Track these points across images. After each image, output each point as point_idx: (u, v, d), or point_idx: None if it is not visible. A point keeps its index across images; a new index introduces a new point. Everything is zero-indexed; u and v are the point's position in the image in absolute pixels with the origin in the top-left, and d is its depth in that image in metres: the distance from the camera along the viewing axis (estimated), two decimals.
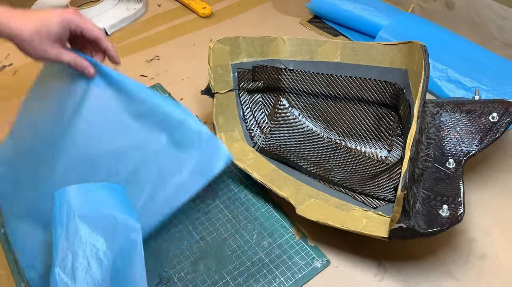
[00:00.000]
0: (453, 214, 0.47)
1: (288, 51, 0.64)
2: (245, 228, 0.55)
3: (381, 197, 0.54)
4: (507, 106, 0.53)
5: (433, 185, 0.50)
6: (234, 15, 0.90)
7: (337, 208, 0.52)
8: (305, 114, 0.66)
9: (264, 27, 0.85)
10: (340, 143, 0.63)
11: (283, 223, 0.55)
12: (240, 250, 0.53)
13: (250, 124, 0.63)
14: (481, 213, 0.54)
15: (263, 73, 0.64)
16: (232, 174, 0.60)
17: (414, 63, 0.54)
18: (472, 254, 0.51)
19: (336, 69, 0.62)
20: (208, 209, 0.57)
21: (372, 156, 0.61)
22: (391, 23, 0.76)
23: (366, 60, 0.60)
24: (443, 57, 0.69)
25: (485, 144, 0.52)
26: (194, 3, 0.91)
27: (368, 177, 0.57)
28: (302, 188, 0.55)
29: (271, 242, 0.53)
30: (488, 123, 0.53)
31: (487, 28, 0.73)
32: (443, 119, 0.55)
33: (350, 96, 0.63)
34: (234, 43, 0.61)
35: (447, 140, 0.54)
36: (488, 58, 0.69)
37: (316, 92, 0.64)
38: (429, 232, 0.45)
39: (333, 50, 0.62)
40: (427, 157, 0.53)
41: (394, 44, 0.58)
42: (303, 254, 0.52)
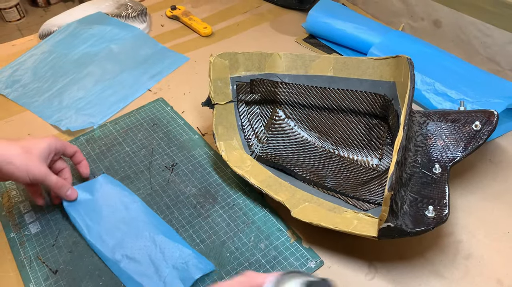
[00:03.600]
0: (438, 214, 0.49)
1: (284, 66, 0.68)
2: (243, 231, 0.57)
3: (372, 201, 0.56)
4: (488, 115, 0.57)
5: (420, 189, 0.54)
6: (234, 34, 0.94)
7: (330, 211, 0.55)
8: (301, 125, 0.69)
9: (262, 46, 0.89)
10: (334, 152, 0.66)
11: (279, 227, 0.58)
12: (238, 252, 0.55)
13: (248, 134, 0.67)
14: (467, 216, 0.57)
15: (260, 86, 0.68)
16: (231, 181, 0.63)
17: (401, 75, 0.58)
18: (459, 254, 0.53)
19: (329, 82, 0.66)
20: (208, 214, 0.60)
21: (364, 164, 0.64)
22: (382, 40, 0.80)
23: (357, 73, 0.64)
24: (431, 71, 0.73)
25: (469, 150, 0.56)
26: (196, 23, 0.96)
27: (360, 183, 0.61)
28: (297, 193, 0.58)
29: (268, 244, 0.56)
30: (472, 131, 0.57)
31: (472, 45, 0.77)
32: (430, 128, 0.59)
33: (343, 107, 0.66)
34: (233, 58, 0.65)
35: (434, 147, 0.57)
36: (473, 72, 0.72)
37: (311, 104, 0.68)
38: (416, 231, 0.48)
39: (326, 64, 0.66)
40: (415, 163, 0.56)
41: (383, 58, 0.62)
42: (298, 255, 0.54)
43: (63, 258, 0.55)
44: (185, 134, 0.71)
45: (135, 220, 0.57)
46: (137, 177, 0.65)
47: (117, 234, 0.56)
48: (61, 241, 0.57)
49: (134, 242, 0.55)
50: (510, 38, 0.71)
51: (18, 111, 0.78)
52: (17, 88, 0.83)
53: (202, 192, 0.62)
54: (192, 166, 0.66)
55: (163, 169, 0.66)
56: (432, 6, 0.82)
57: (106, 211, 0.59)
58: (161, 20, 1.00)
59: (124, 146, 0.70)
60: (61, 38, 0.93)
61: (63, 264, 0.55)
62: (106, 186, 0.61)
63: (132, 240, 0.55)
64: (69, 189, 0.58)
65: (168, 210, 0.60)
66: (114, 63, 0.87)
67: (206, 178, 0.64)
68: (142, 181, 0.64)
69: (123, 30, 0.93)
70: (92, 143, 0.71)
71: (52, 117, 0.76)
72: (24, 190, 0.64)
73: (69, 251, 0.56)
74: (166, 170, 0.66)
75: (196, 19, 0.97)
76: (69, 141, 0.72)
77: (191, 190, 0.63)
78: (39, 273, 0.54)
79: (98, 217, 0.58)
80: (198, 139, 0.70)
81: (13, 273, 0.54)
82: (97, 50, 0.89)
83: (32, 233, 0.58)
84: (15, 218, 0.60)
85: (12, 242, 0.57)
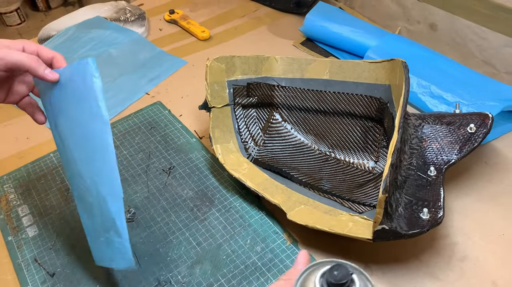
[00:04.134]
0: (433, 217, 0.50)
1: (280, 69, 0.69)
2: (239, 234, 0.58)
3: (367, 203, 0.57)
4: (483, 118, 0.57)
5: (415, 191, 0.54)
6: (232, 38, 0.95)
7: (325, 213, 0.55)
8: (297, 128, 0.70)
9: (259, 49, 0.90)
10: (330, 154, 0.67)
11: (275, 229, 0.58)
12: (234, 254, 0.55)
13: (244, 137, 0.67)
14: (463, 218, 0.58)
15: (257, 89, 0.68)
16: (228, 184, 0.64)
17: (396, 78, 0.58)
18: (454, 256, 0.53)
19: (325, 86, 0.66)
20: (204, 217, 0.60)
21: (360, 167, 0.64)
22: (378, 44, 0.81)
23: (352, 77, 0.65)
24: (427, 74, 0.73)
25: (464, 153, 0.56)
26: (194, 27, 0.96)
27: (356, 186, 0.61)
28: (293, 195, 0.59)
29: (264, 247, 0.56)
30: (467, 134, 0.57)
31: (468, 48, 0.78)
32: (425, 130, 0.59)
33: (339, 110, 0.66)
34: (230, 62, 0.66)
35: (429, 150, 0.57)
36: (468, 75, 0.73)
37: (307, 107, 0.68)
38: (410, 233, 0.48)
39: (322, 68, 0.67)
40: (410, 166, 0.56)
41: (378, 61, 0.62)
42: (294, 257, 0.55)
43: (61, 261, 0.56)
44: (182, 137, 0.72)
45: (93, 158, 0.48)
46: (134, 180, 0.65)
47: (81, 154, 0.49)
48: (59, 244, 0.58)
49: (84, 182, 0.49)
50: (506, 41, 0.72)
51: (17, 115, 0.78)
52: None
53: (199, 195, 0.63)
54: (189, 169, 0.66)
55: (160, 172, 0.66)
56: (428, 10, 0.82)
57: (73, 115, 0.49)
58: (160, 24, 1.01)
59: (121, 150, 0.70)
60: (60, 42, 0.94)
61: (60, 267, 0.55)
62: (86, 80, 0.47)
63: (82, 179, 0.49)
64: (46, 68, 0.49)
65: (165, 213, 0.61)
66: (112, 67, 0.87)
67: (203, 181, 0.65)
68: (139, 184, 0.64)
69: (122, 34, 0.94)
70: None
71: None
72: (22, 193, 0.64)
73: (67, 254, 0.56)
74: (164, 173, 0.66)
75: (194, 23, 0.97)
76: None
77: (188, 193, 0.63)
78: (37, 276, 0.54)
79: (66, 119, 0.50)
80: (195, 143, 0.71)
81: (11, 276, 0.55)
82: (95, 54, 0.90)
83: (30, 236, 0.59)
84: (13, 221, 0.61)
85: (9, 245, 0.58)
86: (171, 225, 0.59)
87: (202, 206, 0.61)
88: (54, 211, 0.62)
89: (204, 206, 0.61)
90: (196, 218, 0.60)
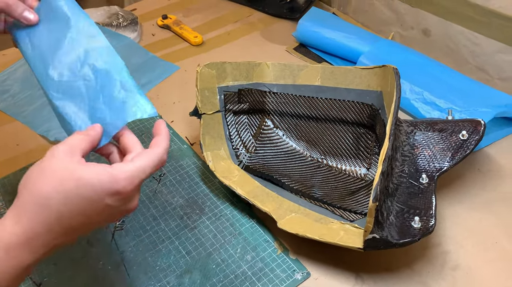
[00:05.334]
0: (425, 225, 0.49)
1: (272, 75, 0.68)
2: (230, 242, 0.57)
3: (359, 211, 0.56)
4: (475, 125, 0.57)
5: (407, 199, 0.53)
6: (224, 43, 0.94)
7: (316, 221, 0.55)
8: (289, 134, 0.69)
9: (252, 55, 0.89)
10: (322, 161, 0.66)
11: (266, 238, 0.57)
12: (224, 263, 0.55)
13: (235, 144, 0.66)
14: (455, 226, 0.57)
15: (248, 95, 0.67)
16: (218, 191, 0.63)
17: (388, 85, 0.58)
18: (446, 265, 0.53)
19: (317, 92, 0.66)
20: (194, 225, 0.59)
21: (352, 174, 0.64)
22: (371, 49, 0.80)
23: (344, 83, 0.64)
24: (420, 80, 0.73)
25: (456, 160, 0.56)
26: (186, 33, 0.96)
27: (348, 193, 0.60)
28: (284, 203, 0.58)
29: (254, 256, 0.55)
30: (459, 141, 0.57)
31: (461, 54, 0.77)
32: (417, 137, 0.58)
33: (331, 117, 0.66)
34: (221, 68, 0.65)
35: (421, 157, 0.57)
36: (461, 81, 0.72)
37: (299, 114, 0.68)
38: (401, 242, 0.48)
39: (313, 74, 0.66)
40: (402, 173, 0.56)
41: (370, 68, 0.62)
42: (285, 266, 0.54)
43: (48, 270, 0.55)
44: (173, 143, 0.71)
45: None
46: None
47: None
48: None
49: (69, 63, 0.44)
50: (499, 47, 0.71)
51: (7, 121, 0.77)
52: (6, 98, 0.82)
53: (189, 202, 0.62)
54: (180, 177, 0.66)
55: (151, 179, 0.65)
56: (421, 15, 0.82)
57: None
58: (152, 29, 1.00)
59: None
60: None
61: (47, 277, 0.54)
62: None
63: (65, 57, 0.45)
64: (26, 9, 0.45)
65: (155, 221, 0.60)
66: None
67: (194, 189, 0.64)
68: None
69: (114, 39, 0.93)
70: None
71: (40, 127, 0.76)
72: (10, 201, 0.63)
73: (54, 263, 0.56)
74: (154, 181, 0.65)
75: (187, 28, 0.97)
76: None
77: (178, 201, 0.62)
78: (23, 285, 0.53)
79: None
80: (186, 149, 0.70)
81: None
82: None
83: None
84: None
85: None
86: (160, 234, 0.58)
87: (192, 214, 0.60)
88: None
89: (194, 214, 0.60)
90: (186, 226, 0.59)
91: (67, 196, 0.32)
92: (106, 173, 0.33)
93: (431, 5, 0.80)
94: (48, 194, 0.32)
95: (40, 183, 0.32)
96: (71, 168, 0.33)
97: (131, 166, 0.35)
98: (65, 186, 0.32)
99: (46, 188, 0.32)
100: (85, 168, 0.33)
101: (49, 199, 0.32)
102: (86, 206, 0.33)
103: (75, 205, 0.33)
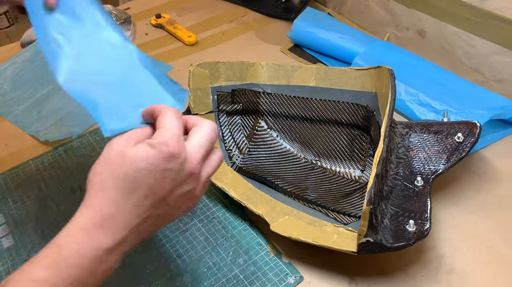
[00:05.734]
0: (420, 229, 0.48)
1: (266, 76, 0.67)
2: (222, 245, 0.56)
3: (353, 214, 0.55)
4: (471, 127, 0.56)
5: (401, 202, 0.52)
6: (219, 43, 0.94)
7: (310, 224, 0.54)
8: (283, 136, 0.68)
9: (247, 55, 0.89)
10: (316, 163, 0.65)
11: (259, 241, 0.56)
12: (215, 267, 0.54)
13: (229, 145, 0.65)
14: (450, 229, 0.56)
15: (242, 96, 0.67)
16: (211, 193, 0.62)
17: (383, 86, 0.57)
18: (441, 269, 0.52)
19: (311, 93, 0.65)
20: (186, 228, 0.58)
21: (346, 176, 0.63)
22: (366, 50, 0.80)
23: (339, 84, 0.63)
24: (415, 82, 0.72)
25: (452, 163, 0.55)
26: (180, 32, 0.95)
27: (342, 196, 0.59)
28: (277, 206, 0.57)
29: (247, 259, 0.54)
30: (454, 143, 0.56)
31: (457, 55, 0.77)
32: (412, 139, 0.58)
33: (325, 118, 0.65)
34: (214, 67, 0.64)
35: (416, 159, 0.56)
36: (457, 82, 0.72)
37: (293, 115, 0.67)
38: (396, 246, 0.47)
39: (308, 75, 0.65)
40: (397, 176, 0.55)
41: (365, 69, 0.61)
42: (277, 270, 0.53)
43: None
44: None
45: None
46: None
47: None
48: (34, 255, 0.55)
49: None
50: (494, 48, 0.71)
51: None
52: None
53: None
54: None
55: None
56: (417, 16, 0.82)
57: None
58: (146, 28, 0.99)
59: None
60: None
61: None
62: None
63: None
64: None
65: None
66: None
67: None
68: None
69: None
70: (70, 154, 0.70)
71: (30, 127, 0.74)
72: None
73: None
74: None
75: (181, 27, 0.96)
76: (47, 151, 0.71)
77: None
78: None
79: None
80: None
81: None
82: None
83: (4, 247, 0.57)
84: None
85: None
86: (151, 237, 0.57)
87: (184, 216, 0.59)
88: (31, 221, 0.60)
89: (185, 216, 0.59)
90: (177, 229, 0.58)
91: (125, 173, 0.34)
92: (148, 142, 0.35)
93: (427, 6, 0.79)
94: (109, 178, 0.34)
95: (101, 172, 0.35)
96: (124, 151, 0.35)
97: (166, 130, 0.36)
98: (122, 168, 0.34)
99: (106, 174, 0.34)
100: (134, 146, 0.35)
101: (110, 180, 0.34)
102: (145, 178, 0.34)
103: (134, 179, 0.34)
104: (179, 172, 0.35)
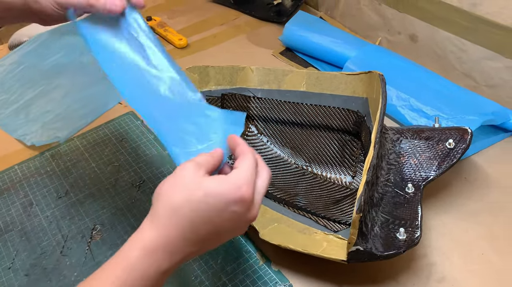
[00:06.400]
0: (410, 237, 0.48)
1: (256, 80, 0.66)
2: (210, 253, 0.55)
3: (343, 221, 0.55)
4: (462, 133, 0.56)
5: (392, 209, 0.52)
6: (210, 46, 0.93)
7: (300, 232, 0.53)
8: (273, 141, 0.67)
9: (238, 58, 0.88)
10: (307, 169, 0.65)
11: (248, 248, 0.55)
12: (204, 275, 0.53)
13: None
14: (441, 237, 0.56)
15: (232, 100, 0.66)
16: None
17: (374, 91, 0.57)
18: (432, 277, 0.51)
19: (302, 98, 0.64)
20: None
21: (337, 182, 0.62)
22: (358, 54, 0.79)
23: (329, 89, 0.63)
24: (407, 87, 0.72)
25: (443, 169, 0.54)
26: (171, 35, 0.94)
27: (332, 202, 0.59)
28: (267, 212, 0.56)
29: (235, 267, 0.53)
30: (445, 149, 0.55)
31: (448, 60, 0.76)
32: (403, 145, 0.57)
33: (316, 123, 0.64)
34: (203, 71, 0.63)
35: (407, 166, 0.56)
36: (448, 88, 0.71)
37: (284, 120, 0.66)
38: (386, 255, 0.46)
39: (299, 79, 0.65)
40: (387, 182, 0.54)
41: (356, 74, 0.61)
42: (266, 279, 0.52)
43: (19, 282, 0.52)
44: (154, 149, 0.69)
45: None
46: (101, 195, 0.62)
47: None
48: (18, 263, 0.54)
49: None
50: (485, 53, 0.71)
51: None
52: None
53: None
54: None
55: (130, 186, 0.63)
56: (408, 20, 0.81)
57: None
58: None
59: (90, 162, 0.67)
60: (31, 49, 0.90)
61: None
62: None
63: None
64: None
65: (133, 231, 0.57)
66: (85, 75, 0.84)
67: None
68: (106, 199, 0.61)
69: None
70: (57, 159, 0.68)
71: (17, 131, 0.73)
72: None
73: (26, 274, 0.53)
74: (133, 188, 0.63)
75: (172, 30, 0.95)
76: (34, 156, 0.70)
77: None
78: None
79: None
80: (167, 155, 0.68)
81: None
82: (67, 61, 0.86)
83: None
84: None
85: None
86: None
87: None
88: (15, 227, 0.59)
89: None
90: None
91: (196, 205, 0.35)
92: (228, 182, 0.36)
93: (418, 11, 0.79)
94: (180, 203, 0.35)
95: (172, 194, 0.36)
96: (198, 181, 0.36)
97: (245, 171, 0.37)
98: (194, 196, 0.35)
99: (177, 198, 0.36)
100: (210, 179, 0.36)
101: (181, 207, 0.36)
102: (213, 214, 0.36)
103: (204, 212, 0.36)
104: (244, 214, 0.37)
